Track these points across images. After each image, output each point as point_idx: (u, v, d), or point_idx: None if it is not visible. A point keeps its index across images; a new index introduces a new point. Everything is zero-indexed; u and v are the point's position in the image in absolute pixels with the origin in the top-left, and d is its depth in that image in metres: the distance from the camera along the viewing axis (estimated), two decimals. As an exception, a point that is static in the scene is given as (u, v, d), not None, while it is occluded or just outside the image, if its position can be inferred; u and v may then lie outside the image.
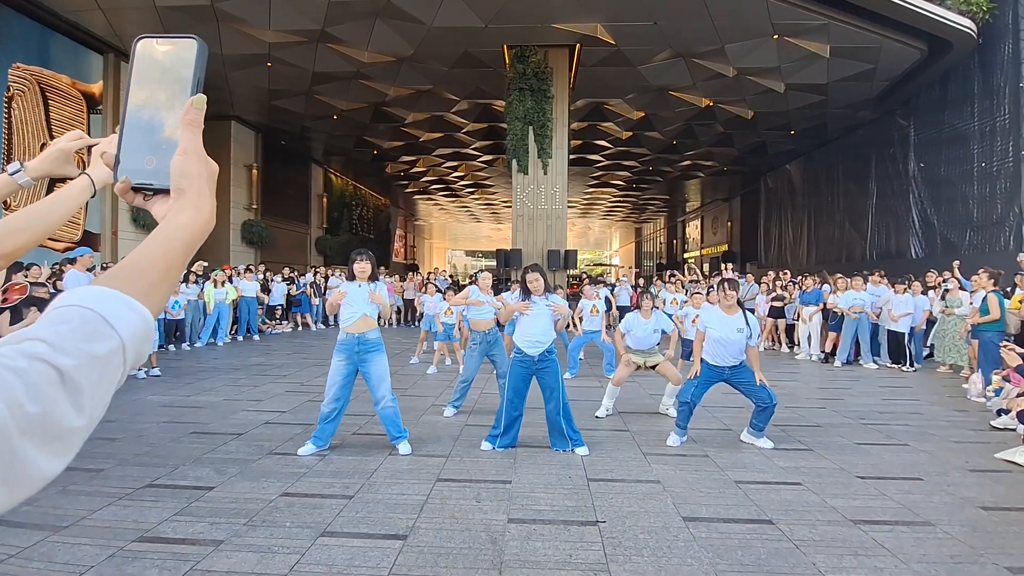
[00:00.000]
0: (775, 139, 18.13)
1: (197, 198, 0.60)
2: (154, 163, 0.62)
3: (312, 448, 4.28)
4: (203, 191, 0.60)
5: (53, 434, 0.41)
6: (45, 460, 0.41)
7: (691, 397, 4.56)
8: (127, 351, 0.48)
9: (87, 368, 0.44)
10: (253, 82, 13.84)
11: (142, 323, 0.49)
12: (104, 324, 0.46)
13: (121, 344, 0.47)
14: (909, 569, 2.66)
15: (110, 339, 0.46)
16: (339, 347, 4.26)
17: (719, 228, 28.89)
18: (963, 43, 11.38)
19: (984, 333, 6.95)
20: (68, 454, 0.43)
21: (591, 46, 12.16)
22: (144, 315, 0.50)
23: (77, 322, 0.45)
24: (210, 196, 0.61)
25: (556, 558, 2.75)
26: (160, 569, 2.59)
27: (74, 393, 0.43)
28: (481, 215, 38.31)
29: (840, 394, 6.89)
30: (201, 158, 0.61)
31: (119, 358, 0.47)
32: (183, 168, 0.60)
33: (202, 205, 0.60)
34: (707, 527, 3.10)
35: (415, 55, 12.51)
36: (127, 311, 0.48)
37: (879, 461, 4.29)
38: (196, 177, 0.60)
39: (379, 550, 2.81)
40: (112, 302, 0.48)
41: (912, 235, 14.28)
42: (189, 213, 0.59)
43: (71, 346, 0.44)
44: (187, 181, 0.60)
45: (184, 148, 0.60)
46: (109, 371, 0.46)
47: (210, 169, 0.63)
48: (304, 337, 12.64)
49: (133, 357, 0.49)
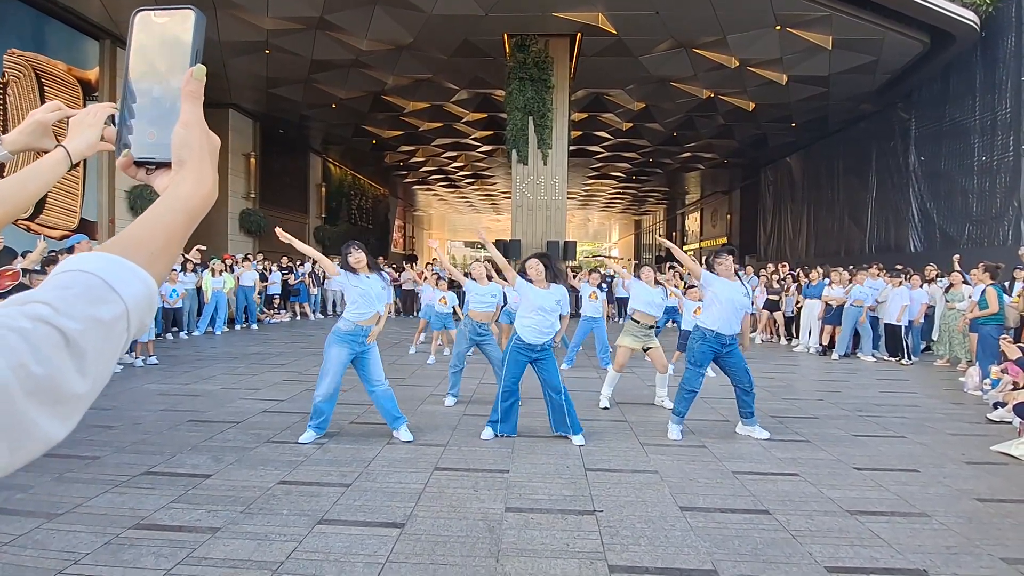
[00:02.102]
0: (776, 131, 18.05)
1: (199, 169, 0.59)
2: (155, 136, 0.61)
3: (313, 436, 4.28)
4: (204, 162, 0.60)
5: (57, 397, 0.41)
6: (49, 423, 0.40)
7: (698, 385, 4.55)
8: (131, 317, 0.47)
9: (91, 332, 0.43)
10: (251, 69, 13.71)
11: (146, 290, 0.49)
12: (108, 289, 0.46)
13: (125, 310, 0.46)
14: (905, 559, 2.67)
15: (114, 304, 0.46)
16: (344, 337, 4.21)
17: (718, 220, 28.84)
18: (966, 36, 11.30)
19: (983, 327, 6.96)
20: (72, 418, 0.43)
21: (592, 35, 12.06)
22: (148, 282, 0.49)
23: (81, 287, 0.45)
24: (212, 168, 0.60)
25: (553, 547, 2.75)
26: (156, 556, 2.59)
27: (78, 357, 0.42)
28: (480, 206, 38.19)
29: (837, 386, 6.91)
30: (203, 130, 0.60)
31: (123, 324, 0.46)
32: (185, 139, 0.59)
33: (204, 176, 0.59)
34: (704, 517, 3.11)
35: (414, 43, 12.40)
36: (131, 277, 0.48)
37: (876, 453, 4.30)
38: (197, 148, 0.59)
39: (376, 538, 2.81)
40: (116, 268, 0.47)
41: (911, 229, 14.27)
42: (190, 184, 0.58)
43: (75, 310, 0.43)
44: (188, 152, 0.59)
45: (185, 120, 0.59)
46: (113, 337, 0.45)
47: (212, 142, 0.62)
48: (302, 326, 12.63)
49: (137, 324, 0.48)
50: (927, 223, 13.76)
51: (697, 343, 4.62)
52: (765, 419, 5.14)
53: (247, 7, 10.91)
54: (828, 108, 15.42)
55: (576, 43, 12.44)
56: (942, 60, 12.29)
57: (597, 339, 7.74)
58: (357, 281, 4.23)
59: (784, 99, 14.84)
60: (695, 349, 4.62)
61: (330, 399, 4.24)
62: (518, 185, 12.75)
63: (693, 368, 4.58)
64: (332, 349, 4.22)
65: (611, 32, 11.84)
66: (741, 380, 4.56)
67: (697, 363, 4.58)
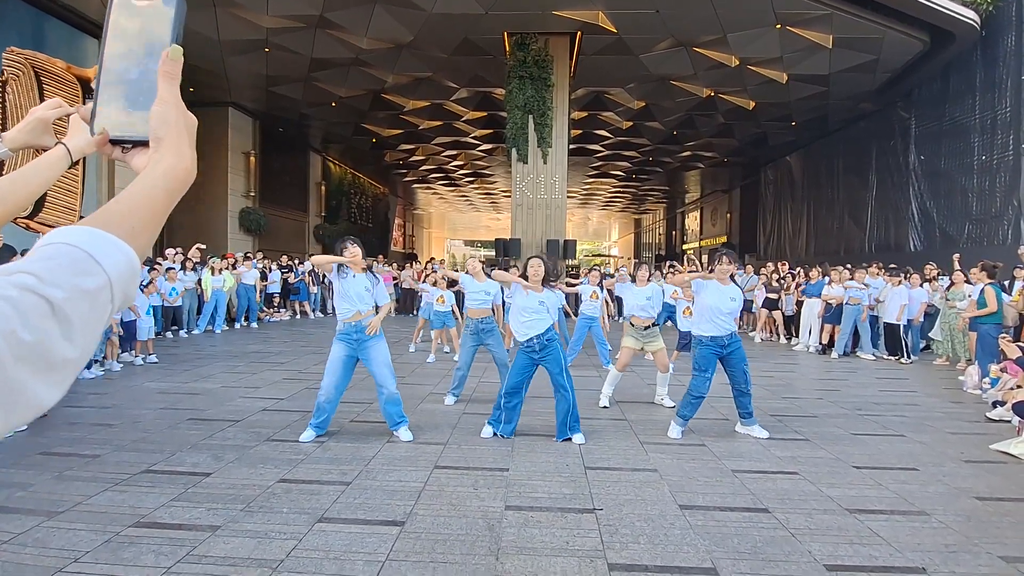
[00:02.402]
0: (776, 130, 18.04)
1: (177, 146, 0.60)
2: (132, 116, 0.61)
3: (312, 435, 4.28)
4: (182, 139, 0.60)
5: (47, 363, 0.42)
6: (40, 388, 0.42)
7: (706, 391, 4.52)
8: (114, 289, 0.48)
9: (76, 301, 0.45)
10: (251, 68, 13.69)
11: (128, 263, 0.50)
12: (91, 261, 0.47)
13: (108, 281, 0.48)
14: (904, 558, 2.68)
15: (98, 276, 0.47)
16: (339, 336, 4.27)
17: (718, 219, 28.83)
18: (966, 35, 11.29)
19: (982, 326, 6.97)
20: (63, 385, 0.44)
21: (592, 34, 12.05)
22: (130, 255, 0.51)
23: (65, 258, 0.46)
24: (190, 146, 0.61)
25: (553, 545, 2.76)
26: (156, 554, 2.59)
27: (65, 324, 0.44)
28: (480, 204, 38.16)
29: (837, 385, 6.91)
30: (179, 108, 0.61)
31: (107, 295, 0.47)
32: (162, 117, 0.60)
33: (182, 153, 0.60)
34: (703, 515, 3.11)
35: (414, 42, 12.38)
36: (113, 250, 0.49)
37: (875, 451, 4.30)
38: (175, 126, 0.60)
39: (376, 536, 2.81)
40: (98, 241, 0.49)
41: (911, 228, 14.27)
42: (169, 161, 0.59)
43: (60, 280, 0.44)
44: (165, 129, 0.60)
45: (162, 98, 0.60)
46: (98, 307, 0.47)
47: (188, 120, 0.62)
48: (302, 325, 12.63)
49: (120, 296, 0.49)
50: (927, 222, 13.76)
51: (699, 349, 4.64)
52: (765, 418, 5.14)
53: (247, 5, 10.89)
54: (828, 107, 15.41)
55: (576, 41, 12.42)
56: (942, 59, 12.28)
57: (595, 337, 7.75)
58: (341, 280, 4.24)
59: (784, 98, 14.83)
60: (698, 355, 4.63)
61: (330, 398, 4.25)
62: (518, 184, 12.74)
63: (699, 374, 4.56)
64: (332, 348, 4.27)
65: (611, 31, 11.83)
66: (738, 381, 4.57)
67: (702, 368, 4.56)
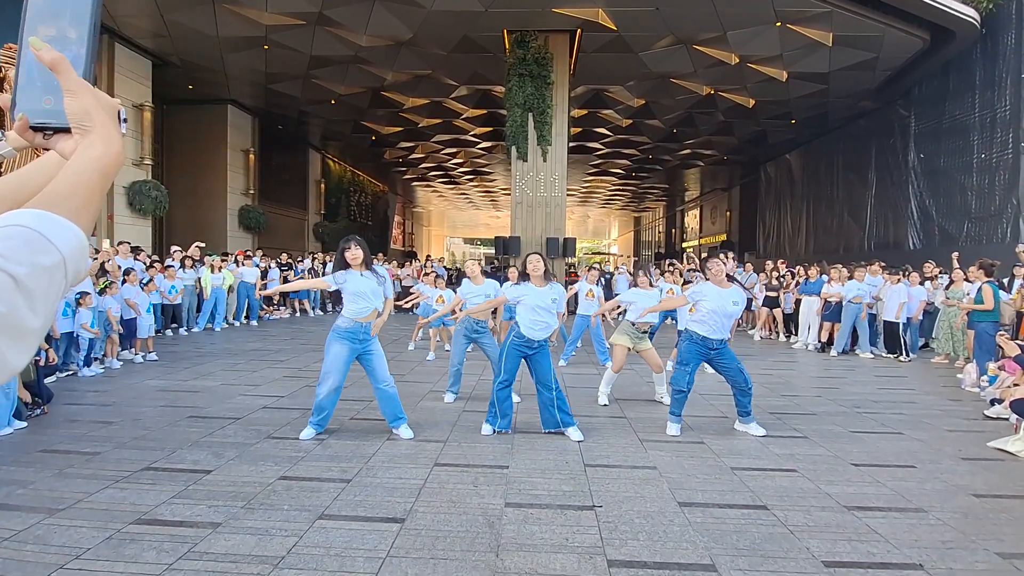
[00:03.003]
0: (775, 128, 18.03)
1: (105, 133, 0.61)
2: (52, 102, 0.61)
3: (312, 432, 4.29)
4: (108, 125, 0.62)
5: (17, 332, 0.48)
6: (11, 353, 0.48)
7: (687, 385, 4.57)
8: (67, 265, 0.53)
9: (37, 276, 0.50)
10: (250, 65, 13.67)
11: (78, 240, 0.54)
12: (45, 241, 0.51)
13: (62, 258, 0.52)
14: (901, 554, 2.69)
15: (52, 254, 0.51)
16: (343, 334, 4.20)
17: (718, 217, 28.84)
18: (966, 33, 11.29)
19: (979, 324, 6.98)
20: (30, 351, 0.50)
21: (592, 32, 12.03)
22: (79, 234, 0.55)
23: (21, 239, 0.50)
24: (116, 129, 0.63)
25: (552, 541, 2.77)
26: (158, 551, 2.60)
27: (28, 297, 0.49)
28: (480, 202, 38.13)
29: (836, 383, 6.93)
30: (91, 93, 0.62)
31: (61, 271, 0.52)
32: (80, 108, 0.61)
33: (111, 139, 0.62)
34: (702, 512, 3.13)
35: (414, 39, 12.36)
36: (63, 230, 0.53)
37: (873, 449, 4.32)
38: (96, 113, 0.61)
39: (377, 533, 2.82)
40: (48, 222, 0.53)
41: (911, 226, 14.28)
42: (100, 148, 0.61)
43: (21, 258, 0.49)
44: (89, 119, 0.61)
45: (68, 88, 0.60)
46: (55, 282, 0.52)
47: (106, 102, 0.63)
48: (302, 323, 12.64)
49: (73, 271, 0.54)
50: (926, 220, 13.77)
51: (685, 343, 4.67)
52: (763, 415, 5.16)
53: (246, 2, 10.86)
54: (828, 105, 15.40)
55: (576, 39, 12.40)
56: (942, 57, 12.28)
57: (593, 336, 7.78)
58: (349, 282, 4.22)
59: (784, 96, 14.82)
60: (683, 348, 4.67)
61: (332, 397, 4.25)
62: (517, 182, 12.73)
63: (680, 367, 4.61)
64: (332, 347, 4.20)
65: (611, 28, 11.81)
66: (737, 380, 4.56)
67: (684, 362, 4.60)
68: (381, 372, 4.28)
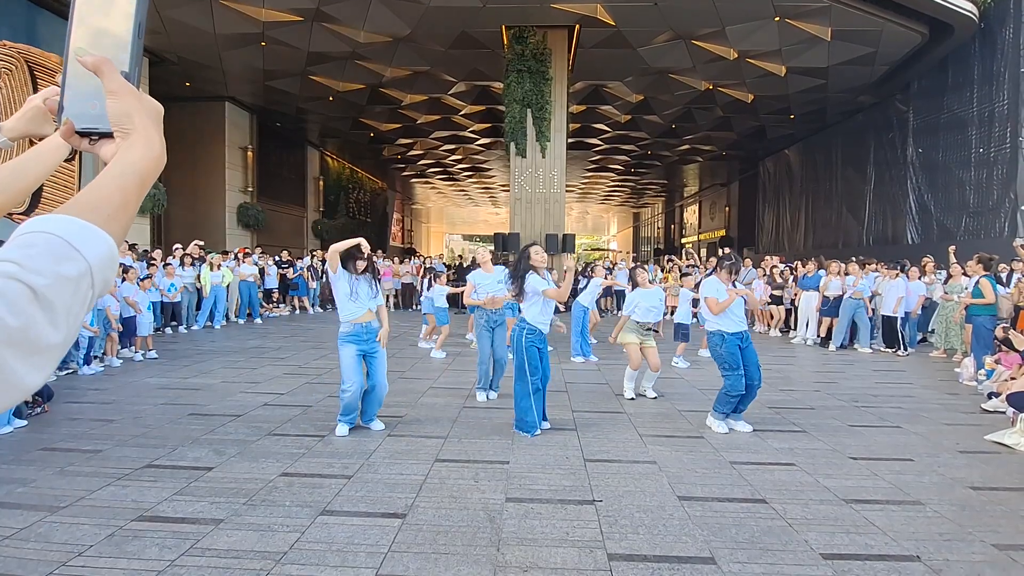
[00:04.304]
0: (774, 123, 18.02)
1: (145, 136, 0.60)
2: (97, 107, 0.61)
3: (347, 428, 4.33)
4: (149, 128, 0.60)
5: (33, 348, 0.44)
6: (26, 371, 0.43)
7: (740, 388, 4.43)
8: (95, 275, 0.49)
9: (58, 288, 0.46)
10: (247, 62, 13.61)
11: (107, 249, 0.51)
12: (70, 248, 0.48)
13: (88, 268, 0.49)
14: (899, 546, 2.71)
15: (78, 262, 0.48)
16: (348, 338, 4.25)
17: (717, 213, 28.82)
18: (964, 27, 11.27)
19: (977, 318, 7.01)
20: (47, 369, 0.46)
21: (590, 27, 12.00)
22: (108, 242, 0.51)
23: (44, 246, 0.47)
24: (158, 133, 0.61)
25: (553, 536, 2.79)
26: (160, 548, 2.62)
27: (48, 310, 0.45)
28: (479, 199, 38.09)
29: (834, 377, 6.95)
30: (133, 95, 0.60)
31: (87, 281, 0.49)
32: (121, 110, 0.59)
33: (152, 142, 0.60)
34: (702, 506, 3.15)
35: (412, 35, 12.32)
36: (91, 237, 0.50)
37: (871, 442, 4.34)
38: (137, 115, 0.60)
39: (379, 528, 2.84)
40: (76, 228, 0.49)
41: (909, 221, 14.30)
42: (140, 150, 0.59)
43: (42, 267, 0.45)
44: (130, 122, 0.60)
45: (110, 89, 0.59)
46: (80, 293, 0.48)
47: (150, 106, 0.62)
48: (301, 320, 12.64)
49: (101, 282, 0.50)
50: (924, 215, 13.78)
51: (722, 348, 4.51)
52: (763, 410, 5.18)
53: (243, -1, 10.83)
54: (826, 100, 15.39)
55: (575, 35, 12.37)
56: (940, 52, 12.26)
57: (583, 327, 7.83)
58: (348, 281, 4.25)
59: (782, 91, 14.81)
60: (725, 353, 4.49)
61: (358, 396, 4.29)
62: (516, 178, 12.73)
63: (731, 372, 4.44)
64: (343, 352, 4.27)
65: (609, 23, 11.78)
66: (752, 375, 4.47)
67: (733, 366, 4.45)
68: (377, 375, 4.35)
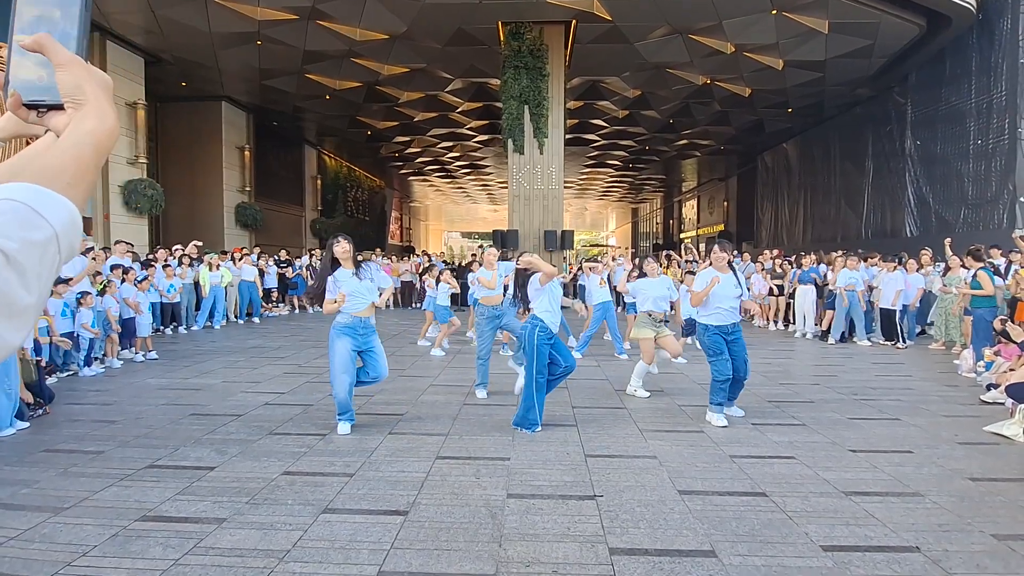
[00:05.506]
0: (772, 117, 18.00)
1: (98, 106, 0.60)
2: (45, 79, 0.61)
3: (348, 426, 4.33)
4: (101, 99, 0.61)
5: (10, 310, 0.47)
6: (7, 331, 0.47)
7: (729, 371, 4.54)
8: (60, 241, 0.51)
9: (27, 252, 0.48)
10: (243, 61, 13.58)
11: (69, 215, 0.53)
12: (36, 215, 0.50)
13: (54, 233, 0.51)
14: (898, 537, 2.73)
15: (44, 229, 0.50)
16: (343, 329, 4.23)
17: (715, 208, 28.82)
18: (962, 18, 11.25)
19: (976, 310, 7.02)
20: (24, 329, 0.49)
21: (587, 22, 11.97)
22: (70, 208, 0.53)
23: (11, 213, 0.49)
24: (110, 104, 0.61)
25: (555, 531, 2.80)
26: (164, 547, 2.63)
27: (20, 273, 0.47)
28: (477, 196, 38.07)
29: (833, 371, 6.97)
30: (82, 67, 0.60)
31: (54, 246, 0.51)
32: (72, 82, 0.59)
33: (104, 113, 0.60)
34: (702, 500, 3.16)
35: (408, 32, 12.29)
36: (55, 204, 0.52)
37: (871, 435, 4.36)
38: (89, 86, 0.60)
39: (381, 525, 2.85)
40: (39, 196, 0.51)
41: (907, 213, 14.30)
42: (93, 121, 0.59)
43: (10, 232, 0.48)
44: (82, 93, 0.60)
45: (59, 62, 0.59)
46: (47, 258, 0.50)
47: (99, 78, 0.62)
48: (301, 319, 12.65)
49: (67, 247, 0.52)
50: (923, 207, 13.78)
51: (706, 337, 4.69)
52: (762, 404, 5.21)
53: (238, -2, 10.79)
54: (824, 93, 15.38)
55: (571, 30, 12.34)
56: (938, 43, 12.24)
57: (609, 327, 7.80)
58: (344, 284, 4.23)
59: (780, 84, 14.79)
60: (707, 343, 4.68)
61: (350, 391, 4.29)
62: (515, 175, 12.72)
63: (716, 358, 4.59)
64: (336, 343, 4.23)
65: (606, 18, 11.75)
66: (738, 369, 4.61)
67: (717, 352, 4.59)
68: (378, 367, 4.34)
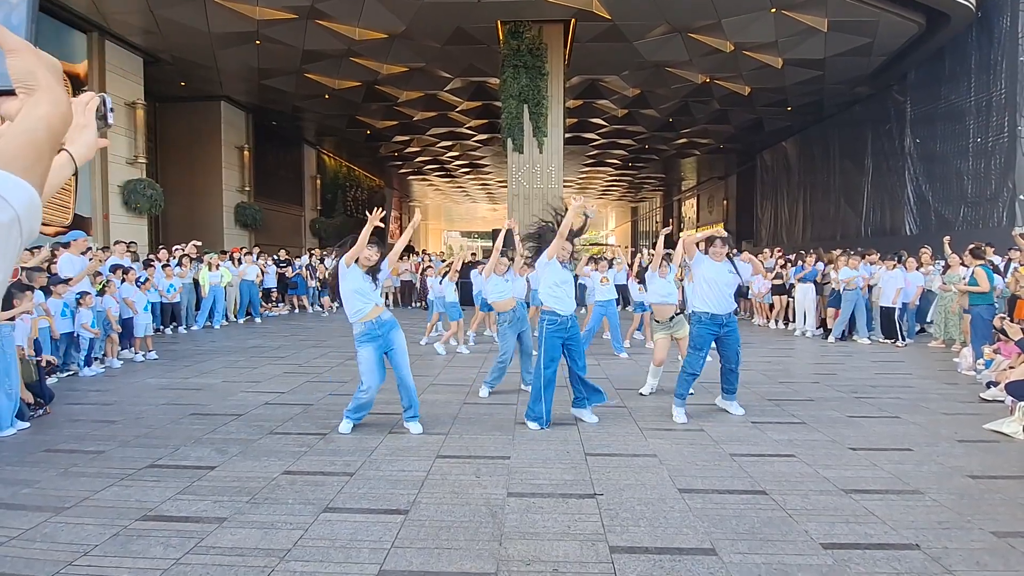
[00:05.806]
0: (771, 116, 17.99)
1: (50, 92, 0.61)
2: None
3: (350, 425, 4.35)
4: (53, 85, 0.61)
5: None
6: None
7: (699, 368, 4.68)
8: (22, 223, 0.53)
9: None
10: (242, 61, 13.57)
11: (29, 198, 0.54)
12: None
13: (16, 216, 0.52)
14: (898, 535, 2.73)
15: (6, 211, 0.51)
16: (363, 338, 4.24)
17: (715, 206, 28.82)
18: (961, 16, 11.24)
19: (974, 308, 7.02)
20: None
21: (586, 21, 11.96)
22: (30, 191, 0.54)
23: None
24: (61, 89, 0.62)
25: (555, 529, 2.81)
26: (165, 546, 2.63)
27: None
28: (476, 195, 38.05)
29: (833, 369, 6.97)
30: (33, 52, 0.61)
31: (16, 228, 0.52)
32: (23, 67, 0.60)
33: (57, 98, 0.61)
34: (702, 498, 3.17)
35: (407, 31, 12.28)
36: (15, 187, 0.53)
37: (870, 433, 4.36)
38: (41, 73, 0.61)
39: (381, 524, 2.85)
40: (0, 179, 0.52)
41: (907, 212, 14.30)
42: (46, 107, 0.60)
43: None
44: (34, 79, 0.60)
45: (9, 48, 0.60)
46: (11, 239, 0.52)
47: (48, 62, 0.62)
48: (301, 319, 12.64)
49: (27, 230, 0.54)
50: (922, 206, 13.79)
51: (695, 327, 4.75)
52: (762, 402, 5.21)
53: (237, -3, 10.78)
54: (823, 91, 15.37)
55: (570, 29, 12.33)
56: (937, 41, 12.23)
57: (611, 325, 7.80)
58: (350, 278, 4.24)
59: (779, 83, 14.78)
60: (694, 334, 4.76)
61: (374, 396, 4.33)
62: (514, 174, 12.71)
63: (695, 352, 4.71)
64: (360, 353, 4.26)
65: (605, 17, 11.74)
66: (730, 359, 4.74)
67: (698, 347, 4.70)
68: (401, 368, 4.35)
